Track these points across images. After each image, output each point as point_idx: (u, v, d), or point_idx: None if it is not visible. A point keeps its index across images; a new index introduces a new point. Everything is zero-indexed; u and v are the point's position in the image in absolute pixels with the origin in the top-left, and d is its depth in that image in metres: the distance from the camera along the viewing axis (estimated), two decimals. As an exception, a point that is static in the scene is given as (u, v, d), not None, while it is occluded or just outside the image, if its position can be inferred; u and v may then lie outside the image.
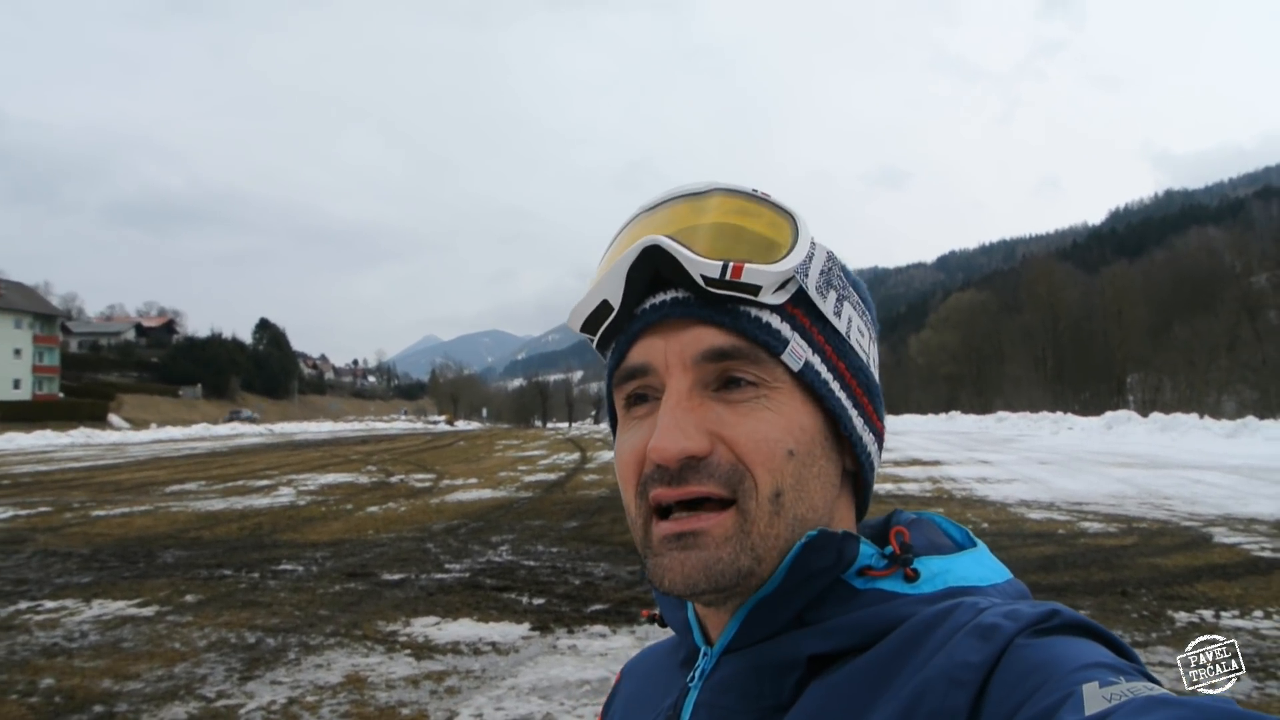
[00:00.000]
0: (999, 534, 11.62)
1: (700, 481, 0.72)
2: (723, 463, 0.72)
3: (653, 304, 0.76)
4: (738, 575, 0.71)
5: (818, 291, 0.78)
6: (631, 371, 0.77)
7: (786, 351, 0.75)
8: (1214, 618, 7.21)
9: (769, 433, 0.73)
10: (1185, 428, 33.67)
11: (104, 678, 6.05)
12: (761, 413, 0.74)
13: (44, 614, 7.93)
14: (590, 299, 0.78)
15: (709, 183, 0.79)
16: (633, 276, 0.75)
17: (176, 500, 17.63)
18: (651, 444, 0.72)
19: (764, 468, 0.72)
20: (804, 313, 0.77)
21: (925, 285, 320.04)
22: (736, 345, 0.74)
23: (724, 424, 0.73)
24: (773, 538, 0.72)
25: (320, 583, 9.08)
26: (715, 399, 0.74)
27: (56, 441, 48.55)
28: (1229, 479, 18.20)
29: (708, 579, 0.71)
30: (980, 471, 21.49)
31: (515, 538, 12.08)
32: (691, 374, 0.74)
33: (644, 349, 0.76)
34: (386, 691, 5.75)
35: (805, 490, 0.74)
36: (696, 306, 0.74)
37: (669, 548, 0.73)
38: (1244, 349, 68.30)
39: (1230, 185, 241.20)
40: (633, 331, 0.77)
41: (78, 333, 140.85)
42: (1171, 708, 0.52)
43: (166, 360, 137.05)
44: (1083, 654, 0.60)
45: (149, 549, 11.36)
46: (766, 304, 0.75)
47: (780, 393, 0.75)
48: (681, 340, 0.75)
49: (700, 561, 0.71)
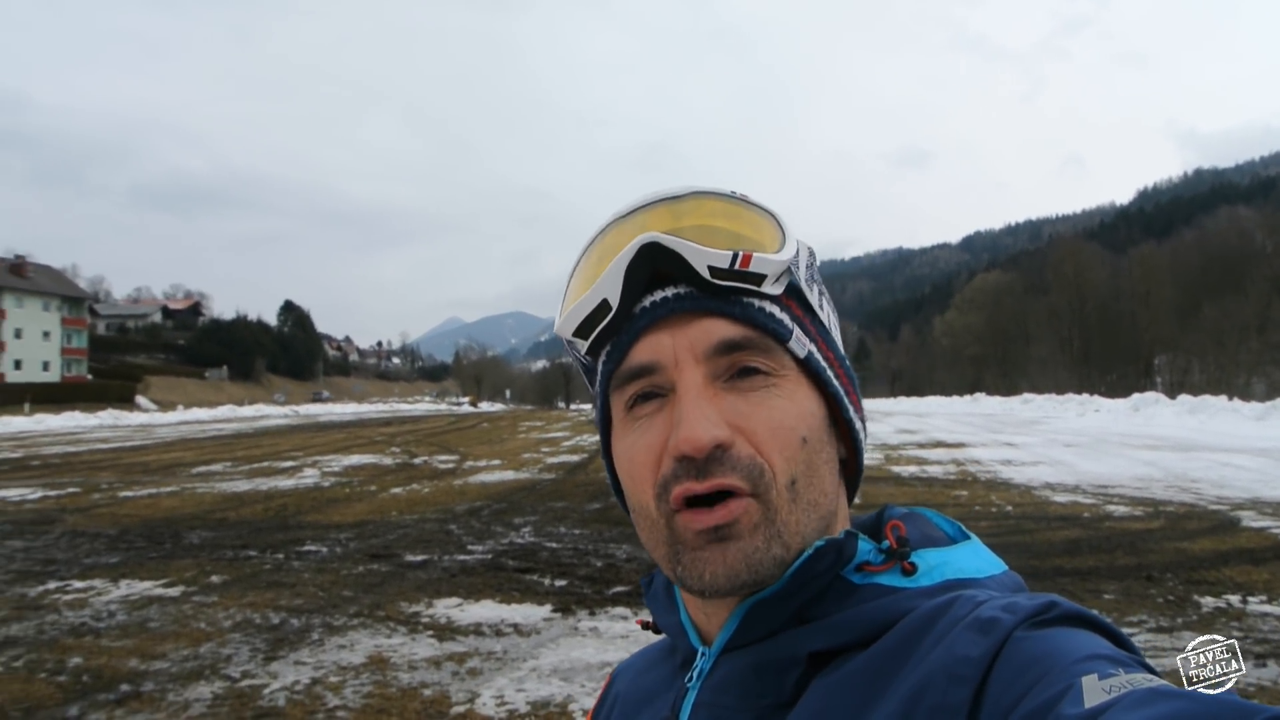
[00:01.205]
0: (1023, 517, 11.55)
1: (724, 474, 0.70)
2: (743, 455, 0.71)
3: (654, 301, 0.75)
4: (773, 564, 0.71)
5: (806, 285, 0.78)
6: (637, 370, 0.76)
7: (793, 339, 0.75)
8: (1241, 603, 7.14)
9: (784, 420, 0.73)
10: (1214, 410, 33.36)
11: (131, 657, 6.13)
12: (775, 400, 0.73)
13: (72, 594, 8.03)
14: (588, 300, 0.76)
15: (686, 186, 0.78)
16: (631, 274, 0.74)
17: (203, 481, 17.81)
18: (681, 435, 0.70)
19: (780, 455, 0.72)
20: (797, 304, 0.78)
21: (950, 266, 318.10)
22: (747, 335, 0.73)
23: (740, 414, 0.72)
24: (794, 524, 0.72)
25: (344, 564, 9.15)
26: (728, 390, 0.74)
27: (85, 423, 49.21)
28: (1258, 462, 18.03)
29: (749, 569, 0.70)
30: (1005, 454, 21.39)
31: (538, 519, 12.13)
32: (704, 367, 0.73)
33: (649, 347, 0.75)
34: (409, 672, 5.78)
35: (816, 476, 0.74)
36: (702, 299, 0.74)
37: (705, 541, 0.71)
38: (1274, 330, 67.51)
39: (1261, 164, 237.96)
40: (635, 330, 0.76)
41: (105, 315, 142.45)
42: (1172, 700, 0.51)
43: (192, 342, 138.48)
44: (1082, 646, 0.60)
45: (175, 530, 11.49)
46: (768, 294, 0.75)
47: (789, 380, 0.75)
48: (690, 334, 0.74)
49: (740, 553, 0.70)
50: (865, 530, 0.81)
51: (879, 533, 0.79)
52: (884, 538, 0.76)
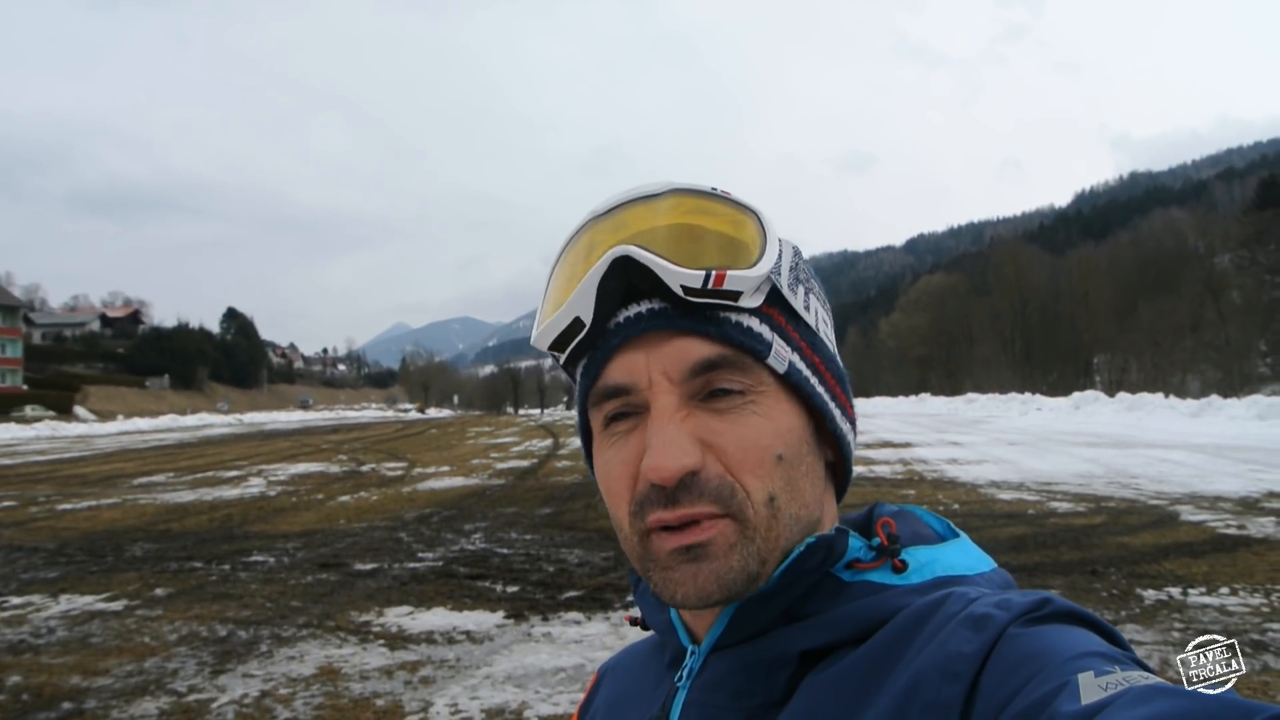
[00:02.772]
0: (970, 515, 11.72)
1: (693, 502, 0.69)
2: (713, 478, 0.70)
3: (628, 317, 0.73)
4: (748, 581, 0.70)
5: (790, 289, 0.76)
6: (612, 390, 0.74)
7: (771, 355, 0.73)
8: (1182, 595, 7.30)
9: (757, 439, 0.71)
10: (1151, 407, 34.19)
11: (73, 674, 5.97)
12: (750, 419, 0.72)
13: (10, 610, 7.81)
14: (561, 318, 0.74)
15: (664, 183, 0.76)
16: (604, 290, 0.72)
17: (145, 492, 17.44)
18: (647, 464, 0.69)
19: (754, 475, 0.70)
20: (779, 311, 0.75)
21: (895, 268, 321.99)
22: (723, 354, 0.71)
23: (713, 432, 0.71)
24: (774, 539, 0.71)
25: (292, 574, 9.01)
26: (703, 409, 0.72)
27: (20, 435, 47.87)
28: (1194, 457, 18.49)
29: (721, 588, 0.70)
30: (950, 453, 21.70)
31: (488, 525, 12.04)
32: (679, 389, 0.72)
33: (623, 366, 0.73)
34: (360, 682, 5.71)
35: (797, 490, 0.73)
36: (677, 317, 0.71)
37: (678, 560, 0.70)
38: (1208, 329, 69.29)
39: (1193, 167, 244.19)
40: (609, 348, 0.74)
41: (41, 324, 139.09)
42: (1170, 698, 0.51)
43: (132, 351, 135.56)
44: (1076, 643, 0.60)
45: (117, 542, 11.23)
46: (746, 308, 0.73)
47: (767, 396, 0.73)
48: (664, 354, 0.72)
49: (712, 572, 0.70)
50: (855, 528, 0.81)
51: (869, 530, 0.79)
52: (874, 535, 0.76)
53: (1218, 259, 76.94)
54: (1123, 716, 0.50)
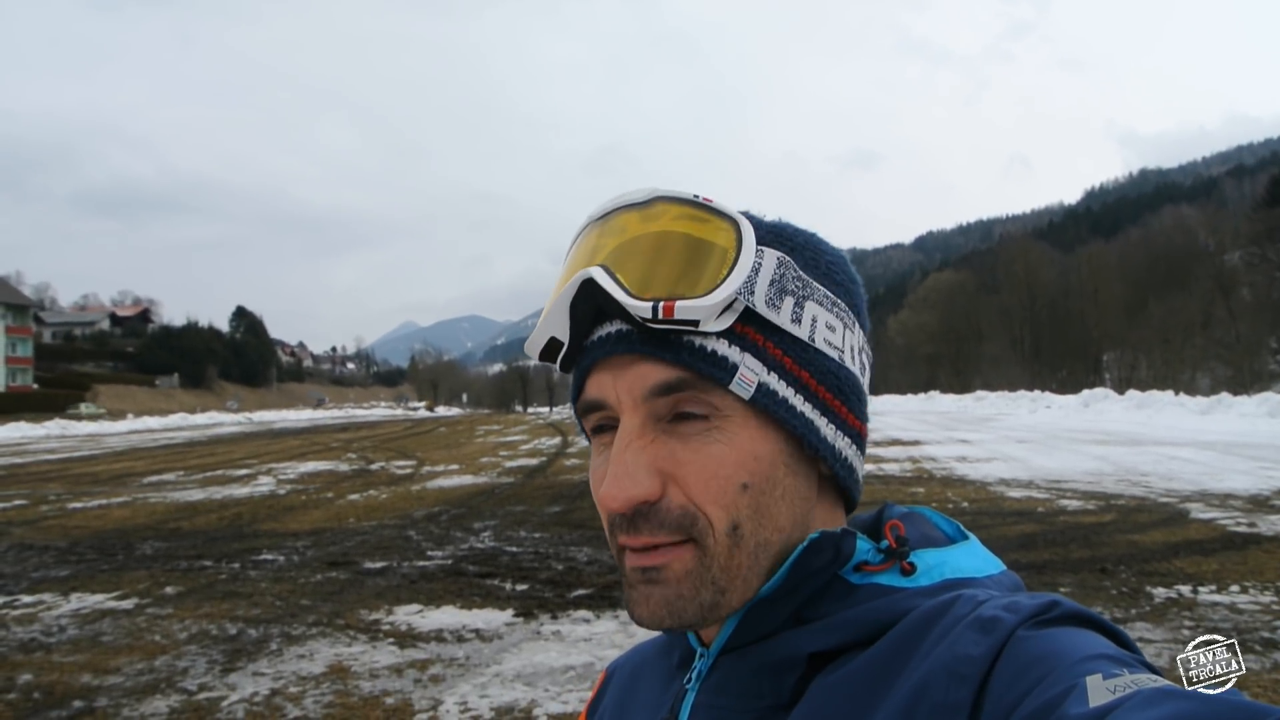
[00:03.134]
0: (979, 513, 11.70)
1: (652, 531, 0.70)
2: (673, 507, 0.70)
3: (599, 337, 0.74)
4: (700, 610, 0.70)
5: (768, 305, 0.72)
6: (590, 405, 0.75)
7: (734, 381, 0.71)
8: (1192, 593, 7.28)
9: (719, 469, 0.70)
10: (1161, 405, 34.07)
11: (83, 672, 6.00)
12: (712, 446, 0.71)
13: (21, 609, 7.85)
14: (538, 335, 0.76)
15: (650, 190, 0.76)
16: (576, 310, 0.73)
17: (155, 491, 17.51)
18: (602, 492, 0.71)
19: (716, 504, 0.70)
20: (756, 329, 0.73)
21: (903, 266, 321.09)
22: (682, 378, 0.70)
23: (676, 461, 0.70)
24: (734, 568, 0.70)
25: (301, 572, 9.04)
26: (667, 432, 0.71)
27: (31, 433, 48.08)
28: (1204, 455, 18.43)
29: (671, 615, 0.70)
30: (959, 451, 21.66)
31: (497, 524, 12.06)
32: (643, 409, 0.71)
33: (597, 384, 0.74)
34: (370, 681, 5.73)
35: (766, 516, 0.72)
36: (638, 342, 0.71)
37: (638, 580, 0.72)
38: (1218, 326, 69.10)
39: (1204, 164, 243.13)
40: (584, 366, 0.75)
41: (51, 323, 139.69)
42: (1179, 700, 0.51)
43: (142, 350, 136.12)
44: (1085, 645, 0.59)
45: (127, 541, 11.28)
46: (710, 332, 0.71)
47: (733, 421, 0.71)
48: (628, 377, 0.72)
49: (663, 598, 0.70)
50: (864, 530, 0.80)
51: (878, 532, 0.78)
52: (883, 537, 0.76)
53: (1228, 256, 76.70)
54: (1130, 719, 0.50)
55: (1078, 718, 0.52)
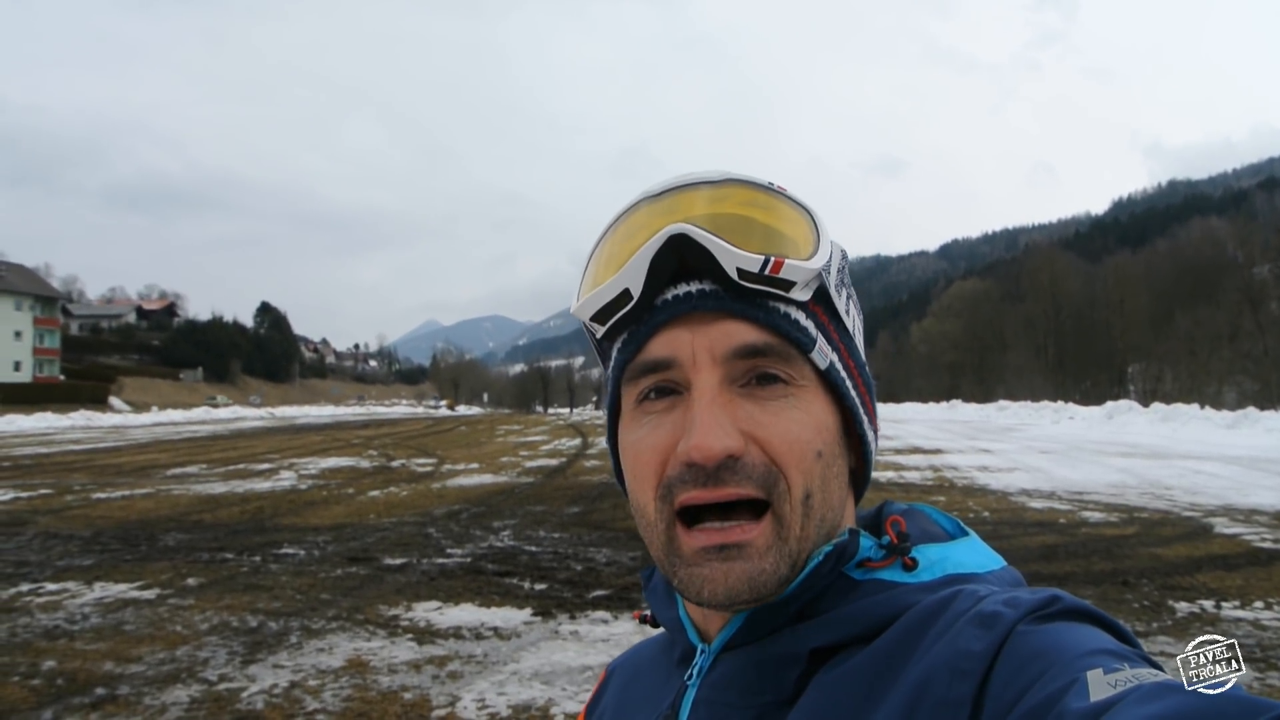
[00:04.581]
0: (1000, 523, 11.63)
1: (738, 483, 0.69)
2: (757, 463, 0.70)
3: (677, 295, 0.73)
4: (778, 583, 0.70)
5: (836, 290, 0.76)
6: (652, 365, 0.74)
7: (815, 350, 0.73)
8: (1215, 608, 7.21)
9: (800, 433, 0.71)
10: (1186, 418, 33.70)
11: (106, 660, 6.06)
12: (791, 412, 0.71)
13: (45, 596, 7.94)
14: (610, 288, 0.74)
15: (722, 172, 0.76)
16: (656, 265, 0.72)
17: (178, 483, 17.66)
18: (692, 442, 0.68)
19: (797, 469, 0.70)
20: (823, 310, 0.76)
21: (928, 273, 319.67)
22: (769, 342, 0.71)
23: (756, 423, 0.71)
24: (804, 540, 0.71)
25: (322, 567, 9.09)
26: (745, 396, 0.72)
27: (57, 424, 48.65)
28: (1230, 470, 18.22)
29: (751, 590, 0.69)
30: (981, 460, 21.53)
31: (517, 523, 12.09)
32: (721, 370, 0.71)
33: (667, 341, 0.73)
34: (389, 676, 5.75)
35: (828, 490, 0.73)
36: (728, 299, 0.71)
37: (708, 557, 0.70)
38: (1246, 340, 68.28)
39: (1234, 176, 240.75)
40: (654, 323, 0.73)
41: (78, 315, 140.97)
42: (1179, 694, 0.51)
43: (167, 343, 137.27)
44: (1085, 640, 0.60)
45: (150, 532, 11.38)
46: (795, 300, 0.73)
47: (807, 391, 0.73)
48: (711, 334, 0.71)
49: (745, 573, 0.69)
50: (865, 526, 0.81)
51: (879, 529, 0.79)
52: (884, 534, 0.76)
53: (1257, 269, 75.81)
54: (1130, 713, 0.50)
55: (1078, 712, 0.52)
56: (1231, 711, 0.49)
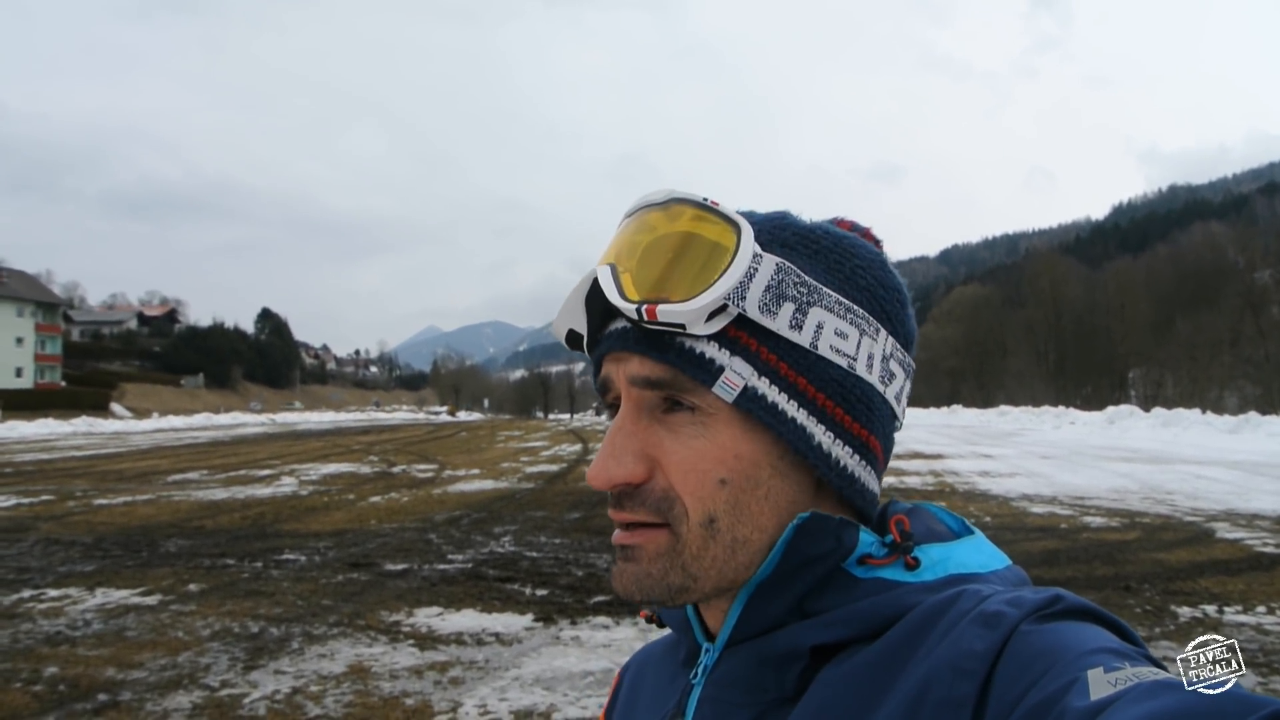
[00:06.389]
0: (1001, 528, 11.61)
1: (633, 509, 0.74)
2: (655, 490, 0.74)
3: (608, 331, 0.78)
4: (668, 590, 0.74)
5: (762, 310, 0.72)
6: (602, 385, 0.80)
7: (717, 384, 0.72)
8: (1217, 613, 7.21)
9: (698, 462, 0.73)
10: (1187, 423, 33.68)
11: (108, 666, 6.06)
12: (695, 441, 0.73)
13: (47, 602, 7.94)
14: (560, 324, 0.82)
15: (667, 191, 0.79)
16: (590, 304, 0.78)
17: (179, 489, 17.65)
18: (590, 470, 0.75)
19: (693, 496, 0.73)
20: (749, 334, 0.73)
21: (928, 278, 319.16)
22: (662, 376, 0.73)
23: (663, 449, 0.74)
24: (708, 559, 0.73)
25: (323, 573, 9.09)
26: (659, 421, 0.75)
27: (58, 430, 48.54)
28: (1231, 474, 18.21)
29: (640, 590, 0.75)
30: (982, 465, 21.51)
31: (518, 529, 12.09)
32: (634, 397, 0.76)
33: (605, 370, 0.79)
34: (390, 681, 5.75)
35: (745, 513, 0.73)
36: (633, 341, 0.75)
37: (618, 555, 0.77)
38: (1247, 345, 68.34)
39: (1234, 181, 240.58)
40: (599, 354, 0.79)
41: (79, 321, 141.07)
42: (1178, 692, 0.52)
43: (168, 349, 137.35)
44: (1087, 639, 0.60)
45: (152, 538, 11.38)
46: (699, 335, 0.72)
47: (717, 419, 0.73)
48: (627, 368, 0.76)
49: (634, 574, 0.75)
50: (870, 525, 0.81)
51: (883, 527, 0.79)
52: (888, 532, 0.76)
53: (1258, 274, 75.90)
54: (1130, 711, 0.50)
55: (1079, 711, 0.52)
56: (1230, 708, 0.49)
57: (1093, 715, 0.52)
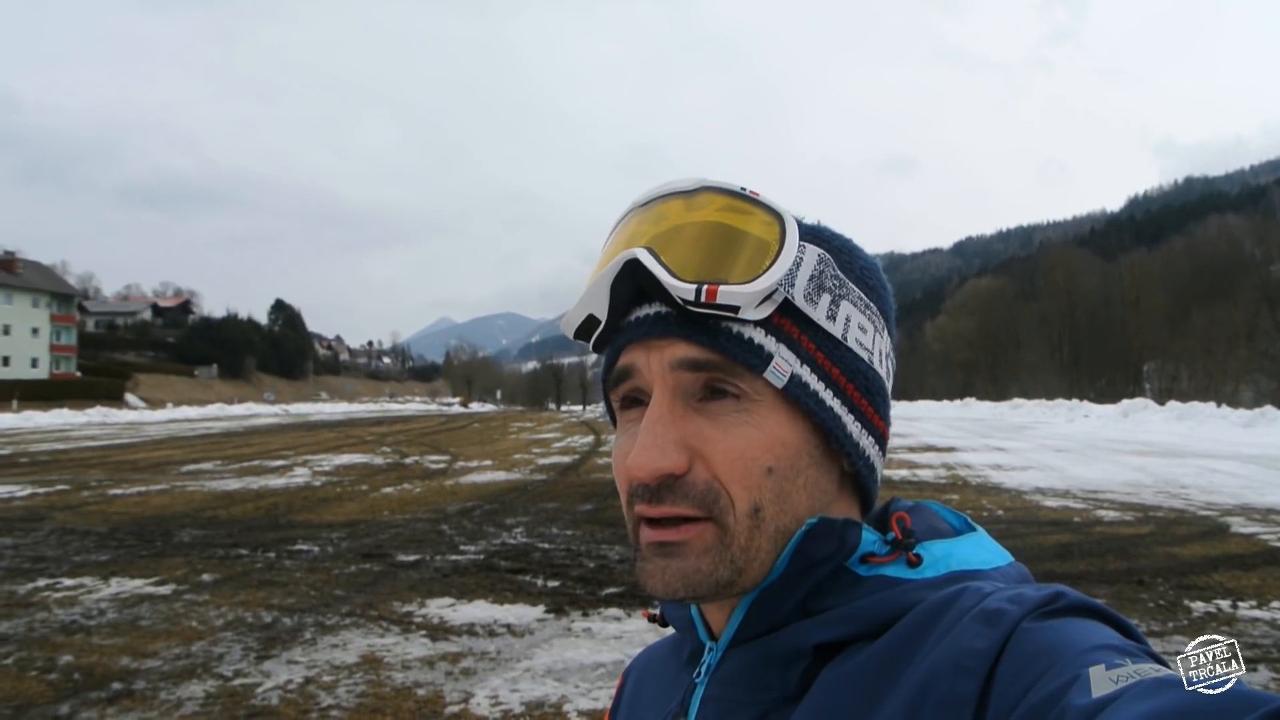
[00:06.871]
0: (1014, 521, 11.59)
1: (675, 502, 0.72)
2: (698, 482, 0.72)
3: (637, 318, 0.76)
4: (715, 585, 0.72)
5: (806, 299, 0.74)
6: (620, 375, 0.77)
7: (769, 369, 0.72)
8: (1231, 608, 7.18)
9: (746, 450, 0.72)
10: (1202, 417, 33.48)
11: (122, 655, 6.11)
12: (741, 428, 0.72)
13: (62, 591, 8.00)
14: (577, 312, 0.79)
15: (697, 180, 0.78)
16: (616, 290, 0.75)
17: (193, 480, 17.76)
18: (630, 462, 0.72)
19: (740, 485, 0.72)
20: (792, 321, 0.75)
21: (942, 271, 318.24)
22: (713, 360, 0.72)
23: (704, 439, 0.72)
24: (754, 550, 0.72)
25: (336, 563, 9.13)
26: (697, 410, 0.73)
27: (74, 420, 48.95)
28: (1246, 468, 18.11)
29: (686, 587, 0.72)
30: (995, 458, 21.44)
31: (530, 520, 12.12)
32: (671, 382, 0.73)
33: (629, 356, 0.76)
34: (402, 672, 5.78)
35: (788, 502, 0.73)
36: (676, 324, 0.73)
37: (653, 553, 0.73)
38: (1263, 338, 67.90)
39: (1251, 173, 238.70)
40: (619, 344, 0.77)
41: (94, 312, 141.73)
42: (1179, 689, 0.51)
43: (182, 340, 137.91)
44: (1089, 636, 0.60)
45: (166, 528, 11.45)
46: (747, 320, 0.73)
47: (762, 406, 0.73)
48: (664, 352, 0.74)
49: (679, 570, 0.72)
50: (871, 523, 0.81)
51: (885, 525, 0.78)
52: (889, 529, 0.76)
53: (1275, 267, 75.33)
54: (1131, 709, 0.50)
55: (1080, 708, 0.52)
56: (1230, 706, 0.49)
57: (1094, 712, 0.52)
